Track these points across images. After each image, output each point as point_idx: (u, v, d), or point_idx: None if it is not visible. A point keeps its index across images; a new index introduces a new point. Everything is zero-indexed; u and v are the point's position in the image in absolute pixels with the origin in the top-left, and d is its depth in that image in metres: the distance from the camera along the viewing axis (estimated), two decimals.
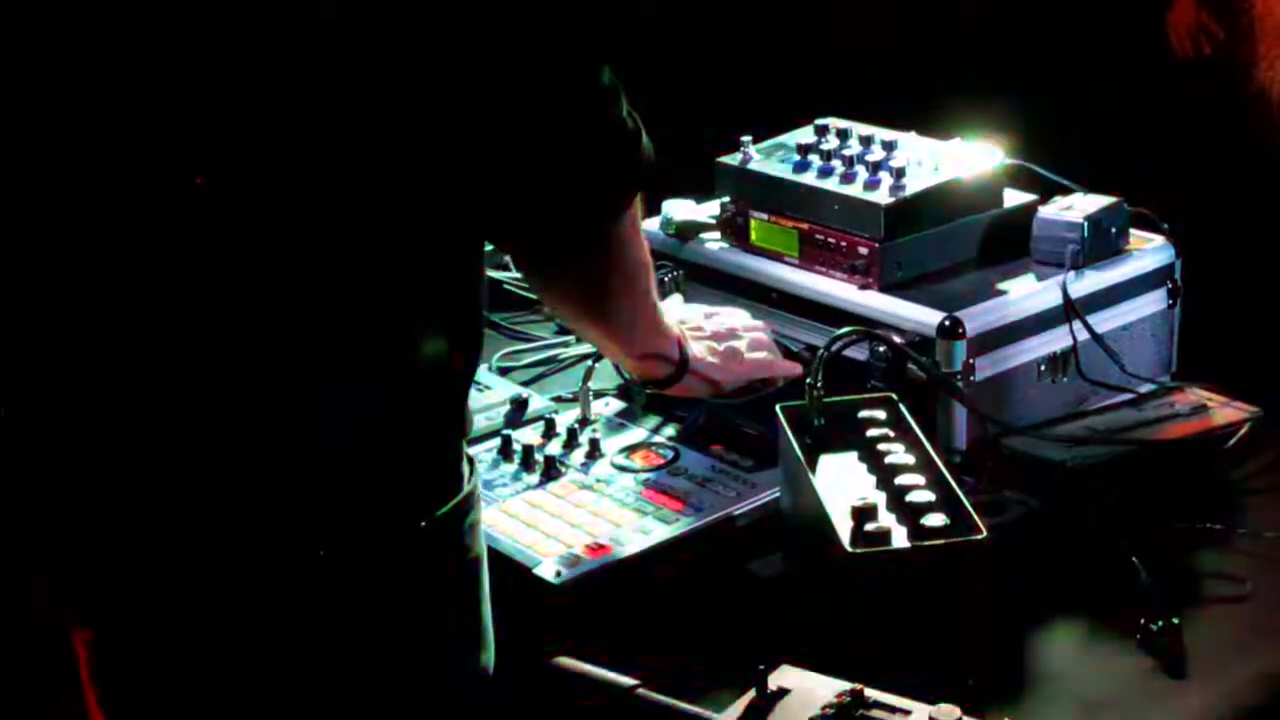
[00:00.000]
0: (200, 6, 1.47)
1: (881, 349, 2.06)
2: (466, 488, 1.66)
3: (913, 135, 2.33)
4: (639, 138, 1.68)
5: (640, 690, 1.69)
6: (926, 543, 1.61)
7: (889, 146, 2.28)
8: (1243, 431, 2.11)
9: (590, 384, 2.23)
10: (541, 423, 2.20)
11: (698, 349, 2.05)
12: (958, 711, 1.36)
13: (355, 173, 1.52)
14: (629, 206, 1.74)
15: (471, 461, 1.70)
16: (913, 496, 1.69)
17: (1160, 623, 1.74)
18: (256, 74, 1.48)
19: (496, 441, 2.16)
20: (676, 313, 2.09)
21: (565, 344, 2.53)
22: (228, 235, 1.50)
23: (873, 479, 1.78)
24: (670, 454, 2.11)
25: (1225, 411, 2.15)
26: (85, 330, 1.54)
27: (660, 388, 2.07)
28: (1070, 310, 2.14)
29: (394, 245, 1.56)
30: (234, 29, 1.47)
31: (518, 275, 2.53)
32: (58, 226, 1.52)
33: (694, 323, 2.11)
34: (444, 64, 1.52)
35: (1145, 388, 2.22)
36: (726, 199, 2.37)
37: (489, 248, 1.72)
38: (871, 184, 2.21)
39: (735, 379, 2.10)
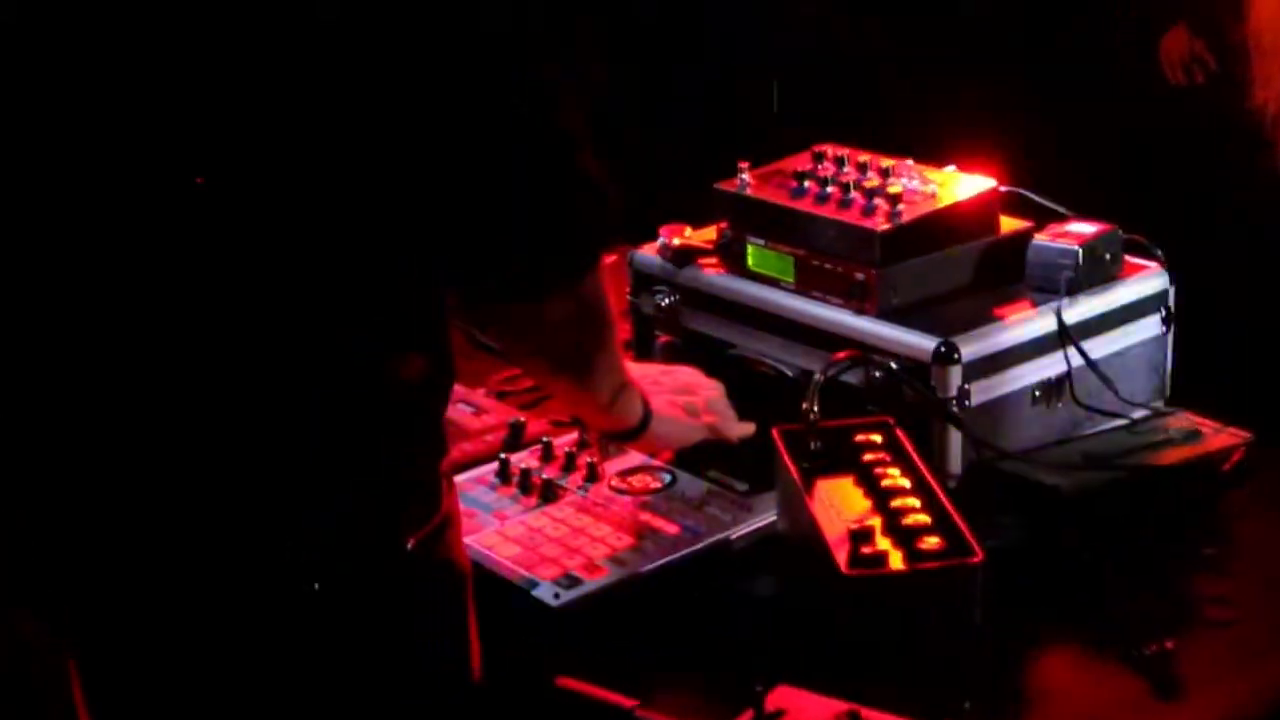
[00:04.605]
0: (201, 7, 1.48)
1: (877, 374, 2.07)
2: (445, 505, 1.68)
3: (909, 162, 2.34)
4: (606, 194, 1.66)
5: (640, 711, 1.70)
6: (923, 565, 1.62)
7: (885, 173, 2.29)
8: (1236, 457, 2.13)
9: None
10: (539, 446, 2.22)
11: (658, 403, 2.06)
12: None
13: (348, 175, 1.52)
14: (598, 262, 1.74)
15: (448, 478, 1.72)
16: (909, 519, 1.70)
17: (1154, 646, 1.75)
18: (257, 75, 1.49)
19: (495, 465, 2.17)
20: (633, 370, 2.10)
21: None
22: (226, 235, 1.50)
23: (869, 502, 1.79)
24: (667, 477, 2.13)
25: (1219, 437, 2.17)
26: (80, 333, 1.54)
27: (624, 440, 2.07)
28: (1065, 336, 2.15)
29: (378, 263, 1.57)
30: (234, 30, 1.48)
31: None
32: (58, 225, 1.52)
33: (651, 378, 2.11)
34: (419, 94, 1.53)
35: (1139, 413, 2.23)
36: (724, 224, 2.39)
37: None
38: (868, 211, 2.22)
39: (694, 435, 2.10)
